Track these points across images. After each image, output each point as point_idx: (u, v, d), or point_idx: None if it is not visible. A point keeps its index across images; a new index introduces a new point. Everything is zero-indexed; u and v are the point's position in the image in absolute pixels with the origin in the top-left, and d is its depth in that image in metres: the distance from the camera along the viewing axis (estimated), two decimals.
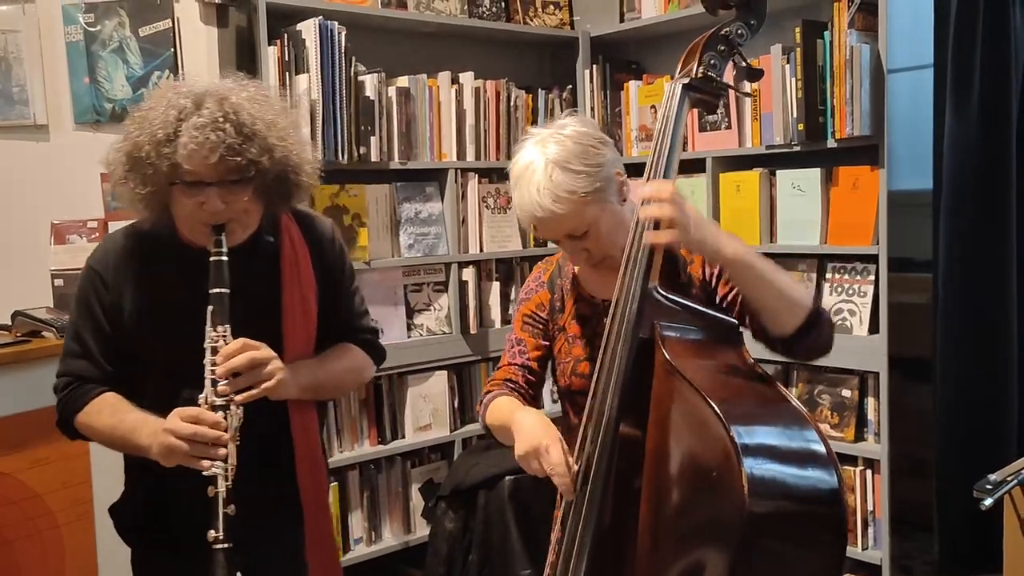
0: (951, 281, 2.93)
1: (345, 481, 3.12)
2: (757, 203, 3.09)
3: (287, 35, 2.89)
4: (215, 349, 1.56)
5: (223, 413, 1.54)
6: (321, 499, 1.79)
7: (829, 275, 3.02)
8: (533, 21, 3.68)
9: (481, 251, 3.41)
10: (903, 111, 3.18)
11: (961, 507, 2.86)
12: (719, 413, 1.33)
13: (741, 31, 1.60)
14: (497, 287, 3.45)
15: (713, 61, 1.59)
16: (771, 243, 3.09)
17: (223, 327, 1.57)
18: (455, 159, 3.32)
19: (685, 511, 1.42)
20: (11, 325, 2.59)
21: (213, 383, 1.55)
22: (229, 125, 1.52)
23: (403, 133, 3.18)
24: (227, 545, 1.50)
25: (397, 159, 3.16)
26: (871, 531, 2.92)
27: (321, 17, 2.91)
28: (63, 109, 2.88)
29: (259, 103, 1.60)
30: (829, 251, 2.99)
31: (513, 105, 3.47)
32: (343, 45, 2.95)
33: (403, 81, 3.20)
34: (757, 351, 1.59)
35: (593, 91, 3.60)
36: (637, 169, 2.24)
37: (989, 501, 1.71)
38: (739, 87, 1.73)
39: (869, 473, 2.91)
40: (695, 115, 3.21)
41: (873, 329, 2.87)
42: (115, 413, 1.65)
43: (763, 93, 3.03)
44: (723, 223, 3.16)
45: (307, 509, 1.73)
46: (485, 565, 2.84)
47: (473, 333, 3.35)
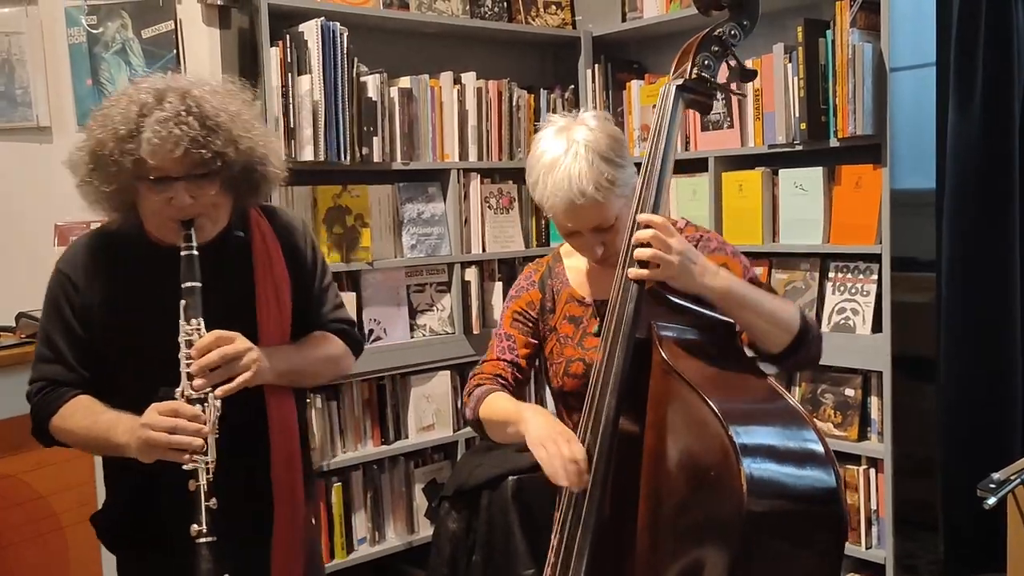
0: (954, 280, 2.92)
1: (348, 481, 3.12)
2: (759, 202, 3.08)
3: (289, 36, 2.90)
4: (190, 343, 1.55)
5: (201, 406, 1.53)
6: (295, 494, 1.74)
7: (832, 274, 3.01)
8: (535, 21, 3.68)
9: (484, 251, 3.41)
10: (906, 110, 3.17)
11: (965, 506, 2.85)
12: (717, 412, 1.33)
13: (734, 32, 1.60)
14: (500, 287, 3.45)
15: (707, 62, 1.60)
16: (773, 242, 3.09)
17: (196, 321, 1.56)
18: (457, 159, 3.33)
19: (684, 510, 1.42)
20: (15, 327, 2.60)
21: (189, 377, 1.54)
22: (192, 118, 1.51)
23: (405, 133, 3.18)
24: (211, 538, 1.49)
25: (399, 159, 3.17)
26: (875, 530, 2.91)
27: (323, 18, 2.91)
28: (66, 111, 2.89)
29: (222, 95, 1.59)
30: (832, 250, 2.98)
31: (515, 105, 3.47)
32: (345, 46, 2.95)
33: (405, 81, 3.21)
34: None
35: (595, 91, 3.59)
36: (637, 169, 2.24)
37: (993, 500, 1.70)
38: (733, 88, 1.73)
39: (872, 472, 2.90)
40: (697, 115, 3.21)
41: (876, 328, 2.87)
42: (89, 414, 1.64)
43: (765, 92, 3.03)
44: (725, 223, 3.16)
45: (277, 500, 1.70)
46: (489, 565, 2.84)
47: (476, 333, 3.36)
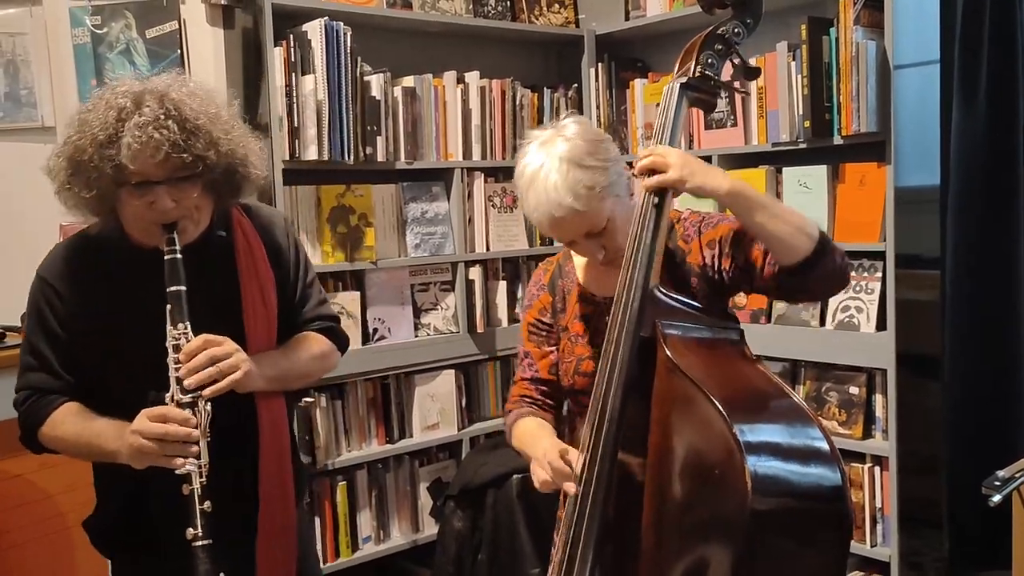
0: (959, 278, 2.92)
1: (353, 480, 3.13)
2: None
3: (293, 36, 2.90)
4: (177, 347, 1.55)
5: (191, 410, 1.53)
6: (286, 493, 1.74)
7: None
8: (538, 20, 3.68)
9: (488, 250, 3.41)
10: (910, 107, 3.17)
11: (970, 504, 2.85)
12: (721, 410, 1.33)
13: (738, 30, 1.60)
14: (504, 286, 3.45)
15: (710, 60, 1.59)
16: None
17: (183, 324, 1.56)
18: (461, 159, 3.33)
19: (688, 508, 1.42)
20: (20, 326, 2.60)
21: (178, 381, 1.54)
22: (172, 122, 1.50)
23: (409, 133, 3.18)
24: (207, 541, 1.49)
25: (403, 159, 3.17)
26: (880, 528, 2.91)
27: (327, 18, 2.92)
28: (71, 112, 2.87)
29: (200, 98, 1.57)
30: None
31: (519, 104, 3.47)
32: (349, 45, 2.95)
33: (409, 81, 3.21)
34: (760, 350, 1.59)
35: (599, 89, 3.59)
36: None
37: (998, 497, 1.70)
38: (737, 86, 1.73)
39: (877, 470, 2.89)
40: (700, 113, 3.20)
41: (881, 326, 2.86)
42: (78, 422, 1.64)
43: (769, 90, 3.03)
44: None
45: (266, 500, 1.70)
46: (494, 564, 2.85)
47: (480, 332, 3.36)
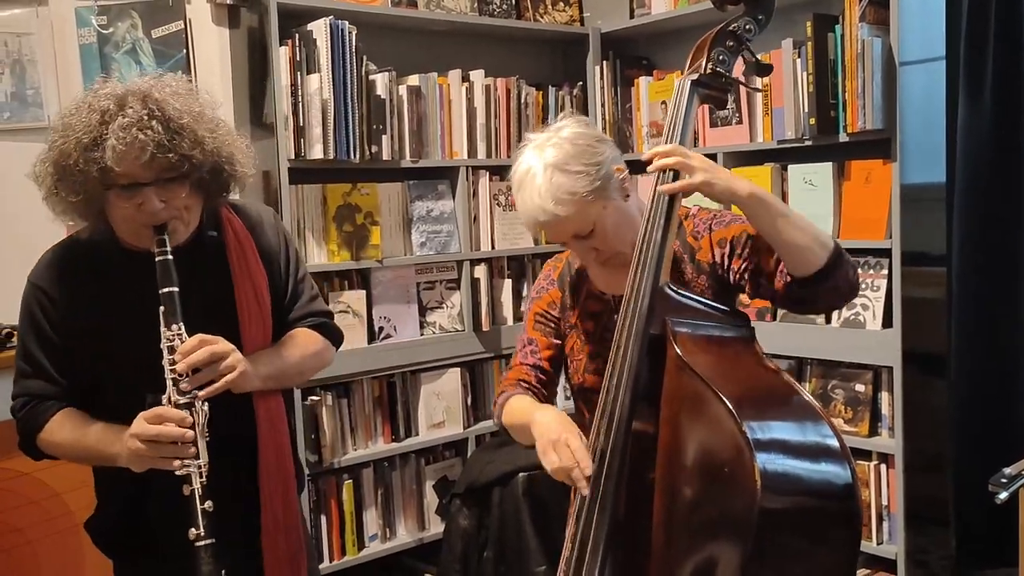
0: (965, 275, 2.92)
1: (359, 479, 3.13)
2: None
3: (298, 35, 2.91)
4: (172, 348, 1.54)
5: (188, 411, 1.53)
6: (287, 490, 1.74)
7: None
8: (543, 18, 3.68)
9: (493, 248, 3.41)
10: (915, 104, 3.16)
11: (976, 501, 2.85)
12: (731, 408, 1.33)
13: (749, 26, 1.60)
14: (509, 284, 3.45)
15: (722, 57, 1.59)
16: None
17: (177, 326, 1.55)
18: (466, 157, 3.33)
19: (698, 506, 1.42)
20: None
21: (175, 382, 1.54)
22: (156, 122, 1.49)
23: (414, 131, 3.18)
24: (210, 541, 1.49)
25: (408, 157, 3.17)
26: (886, 526, 2.91)
27: (332, 17, 2.92)
28: None
29: (183, 97, 1.56)
30: (842, 245, 2.96)
31: (524, 102, 3.47)
32: (354, 44, 2.96)
33: (414, 79, 3.21)
34: (766, 347, 1.59)
35: (604, 88, 3.59)
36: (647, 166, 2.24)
37: (1004, 495, 1.69)
38: (748, 82, 1.73)
39: (884, 468, 2.90)
40: (705, 110, 3.20)
41: (887, 324, 2.86)
42: (76, 427, 1.64)
43: (774, 88, 3.02)
44: None
45: (267, 498, 1.69)
46: (500, 562, 2.85)
47: (486, 330, 3.36)
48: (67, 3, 2.87)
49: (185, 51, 2.92)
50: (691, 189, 1.53)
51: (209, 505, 1.50)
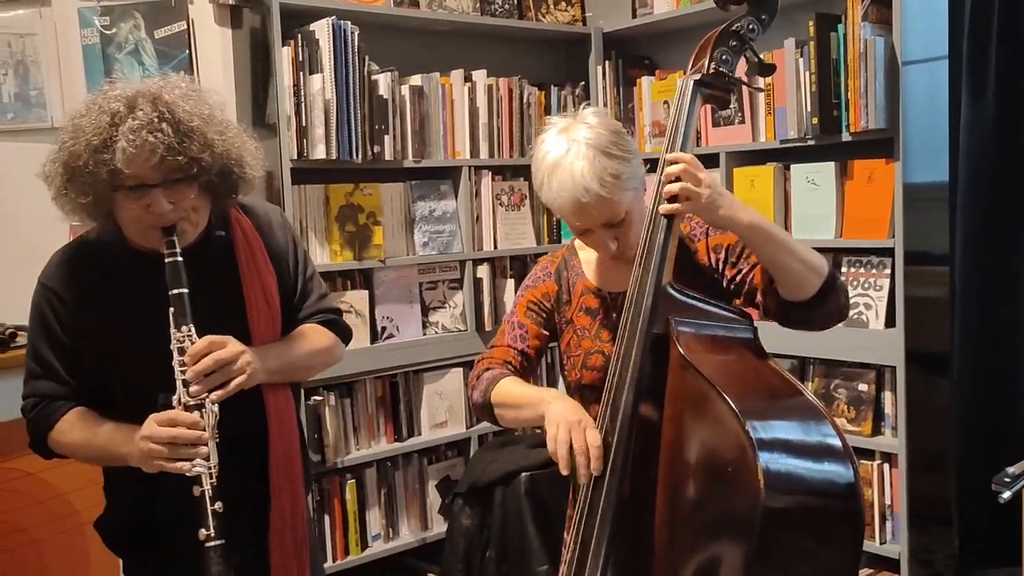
0: (968, 274, 2.91)
1: (362, 479, 3.13)
2: (771, 198, 3.08)
3: (301, 35, 2.91)
4: (182, 350, 1.55)
5: (199, 412, 1.53)
6: (295, 489, 1.74)
7: (845, 269, 3.01)
8: (545, 18, 3.68)
9: (495, 248, 3.41)
10: (918, 103, 3.16)
11: (979, 501, 2.84)
12: (734, 408, 1.33)
13: (752, 26, 1.60)
14: (511, 284, 3.45)
15: (725, 56, 1.59)
16: None
17: (187, 327, 1.56)
18: (469, 157, 3.33)
19: (701, 506, 1.42)
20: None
21: (185, 384, 1.54)
22: (166, 124, 1.49)
23: (417, 131, 3.19)
24: (219, 542, 1.50)
25: (411, 157, 3.18)
26: (889, 525, 2.91)
27: (334, 17, 2.92)
28: None
29: (193, 99, 1.57)
30: (844, 245, 2.98)
31: (526, 102, 3.47)
32: (356, 44, 2.96)
33: (416, 80, 3.21)
34: (768, 347, 1.59)
35: (606, 87, 3.59)
36: (651, 165, 2.25)
37: (1007, 494, 1.70)
38: (751, 82, 1.73)
39: (887, 467, 2.90)
40: (708, 110, 3.21)
41: (889, 323, 2.86)
42: (87, 427, 1.64)
43: (777, 87, 3.02)
44: None
45: (276, 497, 1.70)
46: (503, 562, 2.85)
47: (488, 330, 3.36)
48: (70, 4, 2.87)
49: (188, 52, 2.93)
50: (688, 212, 1.53)
51: (219, 506, 1.51)
